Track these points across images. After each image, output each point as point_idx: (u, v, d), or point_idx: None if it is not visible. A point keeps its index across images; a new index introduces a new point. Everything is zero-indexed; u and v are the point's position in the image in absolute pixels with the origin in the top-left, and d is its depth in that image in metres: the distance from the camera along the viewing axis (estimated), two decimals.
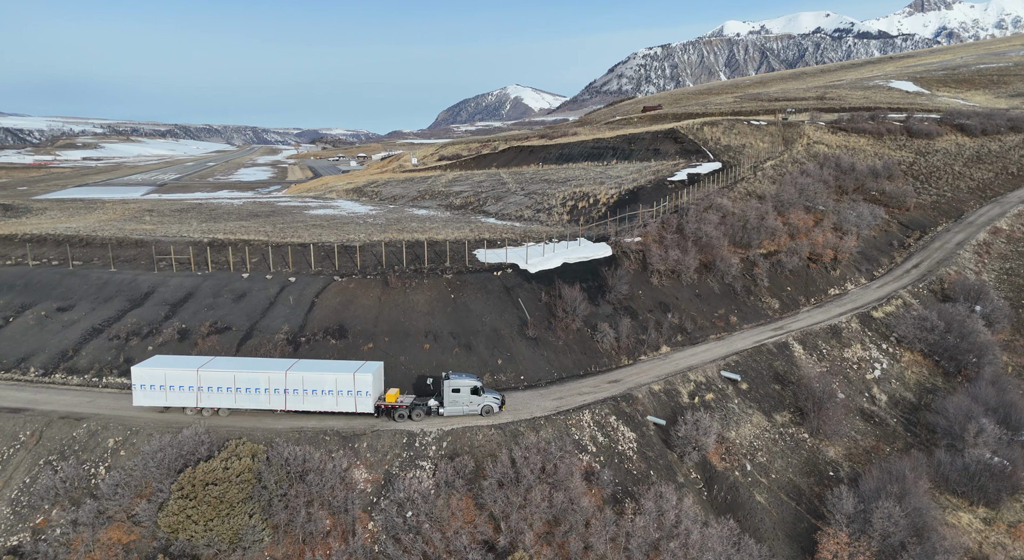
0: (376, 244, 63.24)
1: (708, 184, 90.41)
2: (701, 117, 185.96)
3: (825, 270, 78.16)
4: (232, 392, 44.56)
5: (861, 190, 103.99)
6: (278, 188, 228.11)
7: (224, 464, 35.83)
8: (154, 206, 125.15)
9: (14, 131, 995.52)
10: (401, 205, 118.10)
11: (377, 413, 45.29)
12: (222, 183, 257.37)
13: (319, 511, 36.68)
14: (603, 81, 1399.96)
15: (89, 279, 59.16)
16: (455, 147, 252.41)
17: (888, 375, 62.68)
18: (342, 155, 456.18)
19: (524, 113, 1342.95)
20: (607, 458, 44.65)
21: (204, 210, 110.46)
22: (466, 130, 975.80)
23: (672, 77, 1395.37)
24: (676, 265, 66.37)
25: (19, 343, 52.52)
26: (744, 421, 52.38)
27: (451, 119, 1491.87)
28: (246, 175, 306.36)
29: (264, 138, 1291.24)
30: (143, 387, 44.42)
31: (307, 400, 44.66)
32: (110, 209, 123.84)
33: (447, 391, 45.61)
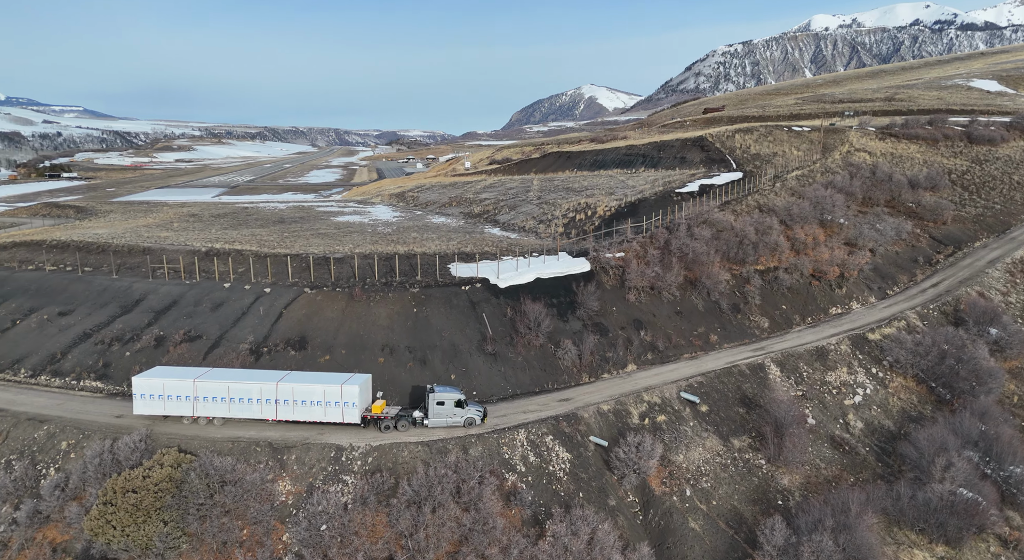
0: (358, 256, 65.47)
1: (719, 196, 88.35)
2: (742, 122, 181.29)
3: (829, 288, 75.12)
4: (226, 402, 46.63)
5: (893, 202, 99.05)
6: (339, 190, 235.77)
7: (145, 472, 38.39)
8: (202, 210, 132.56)
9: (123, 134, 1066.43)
10: (427, 212, 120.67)
11: (364, 424, 46.98)
12: (290, 185, 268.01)
13: (234, 521, 38.78)
14: (680, 79, 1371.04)
15: (92, 285, 64.04)
16: (508, 151, 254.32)
17: (870, 401, 59.87)
18: (411, 157, 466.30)
19: (598, 113, 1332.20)
20: (535, 479, 44.96)
21: (240, 215, 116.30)
22: (537, 131, 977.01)
23: (753, 75, 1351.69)
24: (655, 281, 65.53)
25: (18, 345, 57.56)
26: (696, 445, 51.43)
27: (524, 120, 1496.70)
28: (315, 177, 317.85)
29: (345, 140, 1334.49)
30: (143, 396, 46.87)
31: (297, 410, 46.58)
32: (161, 213, 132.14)
33: (432, 403, 47.03)
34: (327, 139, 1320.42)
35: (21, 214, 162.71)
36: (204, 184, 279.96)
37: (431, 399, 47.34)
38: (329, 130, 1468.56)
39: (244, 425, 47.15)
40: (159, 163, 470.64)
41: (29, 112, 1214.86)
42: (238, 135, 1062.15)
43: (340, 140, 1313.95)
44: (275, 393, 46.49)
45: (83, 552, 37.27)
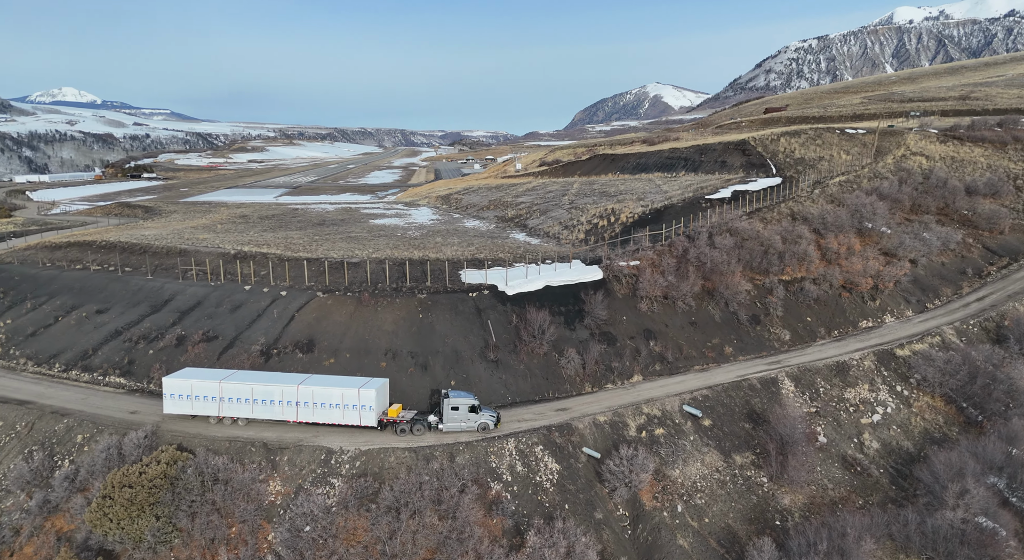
0: (373, 261, 67.09)
1: (750, 202, 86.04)
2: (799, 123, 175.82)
3: (861, 300, 72.18)
4: (250, 403, 48.42)
5: (946, 210, 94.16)
6: (395, 191, 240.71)
7: (141, 468, 40.58)
8: (253, 212, 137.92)
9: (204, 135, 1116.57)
10: (465, 215, 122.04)
11: (380, 427, 48.28)
12: (348, 186, 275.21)
13: (223, 519, 40.57)
14: (749, 77, 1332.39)
15: (128, 285, 67.86)
16: (560, 152, 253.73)
17: (890, 420, 57.28)
18: (470, 158, 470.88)
19: (663, 112, 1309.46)
20: (520, 489, 45.14)
21: (286, 217, 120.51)
22: (599, 130, 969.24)
23: (828, 71, 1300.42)
24: (669, 291, 64.54)
25: (57, 340, 61.63)
26: (694, 460, 50.48)
27: (587, 119, 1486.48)
28: (375, 178, 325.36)
29: (411, 140, 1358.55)
30: (172, 396, 48.98)
31: (316, 412, 48.09)
32: (216, 214, 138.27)
33: (446, 408, 48.04)
34: (393, 140, 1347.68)
35: (96, 213, 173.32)
36: (269, 184, 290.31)
37: (446, 404, 48.23)
38: (395, 131, 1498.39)
39: (266, 426, 48.78)
40: (233, 163, 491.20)
41: (121, 115, 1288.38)
42: (309, 136, 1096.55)
43: (406, 141, 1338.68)
44: (296, 395, 48.00)
45: (83, 542, 39.76)
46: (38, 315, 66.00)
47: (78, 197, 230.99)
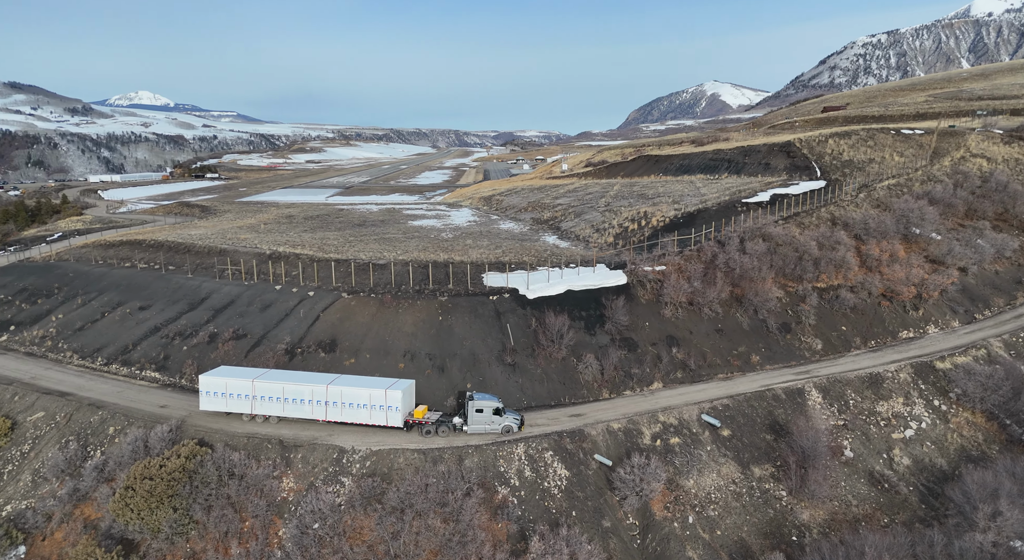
0: (398, 263, 68.19)
1: (789, 207, 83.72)
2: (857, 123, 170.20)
3: (903, 310, 69.40)
4: (281, 402, 49.66)
5: (1004, 215, 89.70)
6: (443, 192, 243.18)
7: (162, 461, 42.38)
8: (300, 212, 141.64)
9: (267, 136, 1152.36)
10: (503, 216, 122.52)
11: (407, 428, 49.12)
12: (398, 186, 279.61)
13: (236, 513, 42.02)
14: (812, 74, 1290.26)
15: (170, 283, 70.83)
16: (608, 152, 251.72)
17: (924, 436, 54.92)
18: (521, 158, 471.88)
19: (720, 110, 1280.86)
20: (528, 494, 45.19)
21: (330, 217, 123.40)
22: (653, 129, 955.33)
23: (898, 67, 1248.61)
24: (695, 297, 63.45)
25: (102, 335, 64.82)
26: (709, 470, 49.54)
27: (641, 118, 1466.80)
28: (425, 178, 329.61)
29: (464, 141, 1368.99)
30: (208, 393, 50.37)
31: (344, 412, 49.12)
32: (266, 214, 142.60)
33: (471, 411, 48.59)
34: (447, 140, 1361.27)
35: (158, 212, 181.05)
36: (323, 185, 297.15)
37: (470, 407, 48.70)
38: (449, 131, 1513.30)
39: (297, 424, 49.86)
40: (291, 164, 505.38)
41: (192, 117, 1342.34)
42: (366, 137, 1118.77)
43: (459, 141, 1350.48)
44: (325, 395, 49.00)
45: (106, 531, 41.79)
46: (87, 311, 69.59)
47: (145, 196, 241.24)
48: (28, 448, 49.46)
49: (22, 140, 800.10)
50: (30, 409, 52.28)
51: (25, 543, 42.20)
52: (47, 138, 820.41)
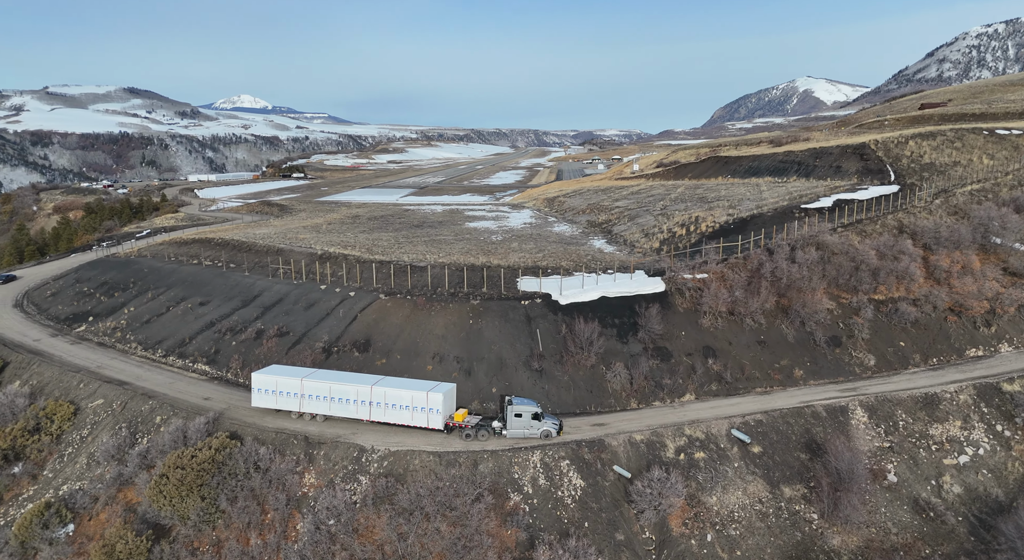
0: (434, 266, 69.26)
1: (853, 213, 79.53)
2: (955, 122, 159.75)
3: (972, 326, 64.72)
4: (327, 401, 51.20)
5: None
6: (513, 192, 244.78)
7: (193, 452, 44.81)
8: (367, 212, 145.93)
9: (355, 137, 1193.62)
10: (560, 218, 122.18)
11: (447, 431, 49.93)
12: (471, 186, 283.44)
13: (258, 505, 43.89)
14: (918, 68, 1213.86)
15: (228, 281, 74.67)
16: (681, 153, 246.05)
17: (980, 463, 51.07)
18: (597, 158, 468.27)
19: (813, 107, 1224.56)
20: (540, 502, 45.03)
21: (391, 218, 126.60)
22: (739, 128, 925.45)
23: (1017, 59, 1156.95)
24: (736, 306, 61.39)
25: (165, 328, 69.06)
26: (735, 488, 47.89)
27: (727, 116, 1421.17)
28: (498, 178, 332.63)
29: (543, 140, 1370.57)
30: (260, 391, 51.99)
31: (387, 413, 50.29)
32: (335, 213, 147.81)
33: (510, 415, 49.10)
34: (526, 140, 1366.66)
35: (242, 210, 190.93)
36: (399, 185, 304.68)
37: (509, 411, 49.09)
38: (529, 131, 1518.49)
39: (343, 423, 51.03)
40: (373, 164, 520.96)
41: (287, 119, 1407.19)
42: (448, 137, 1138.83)
43: (538, 141, 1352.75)
44: (369, 396, 50.17)
45: (143, 515, 44.63)
46: (154, 305, 74.38)
47: (235, 194, 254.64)
48: (87, 432, 53.43)
49: (138, 141, 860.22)
50: (92, 396, 56.42)
51: (73, 522, 45.60)
52: (159, 139, 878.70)
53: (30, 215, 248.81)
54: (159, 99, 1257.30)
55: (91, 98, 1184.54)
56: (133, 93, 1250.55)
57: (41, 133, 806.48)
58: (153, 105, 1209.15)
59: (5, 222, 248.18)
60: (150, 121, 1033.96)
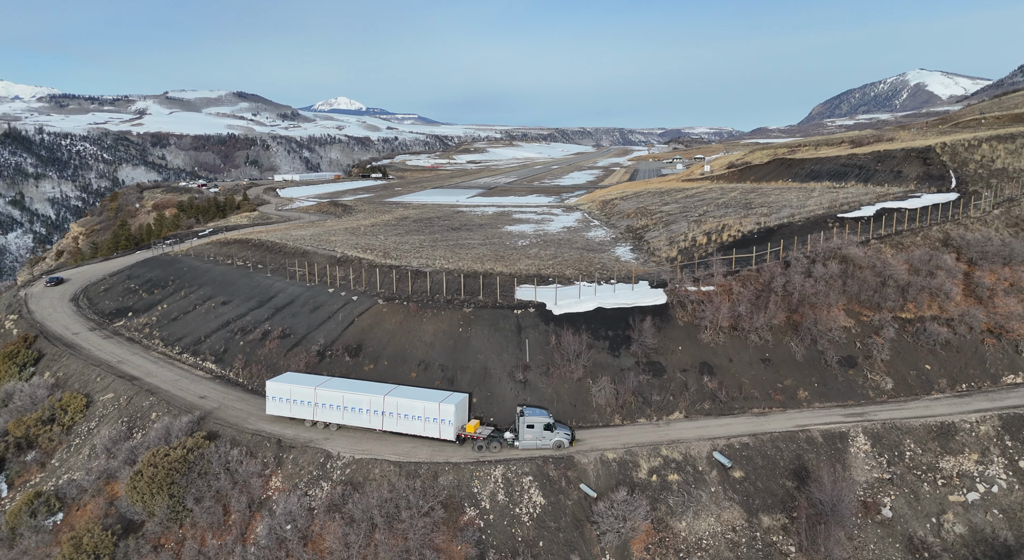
0: (443, 271, 69.36)
1: (894, 223, 73.80)
2: None
3: (1014, 350, 58.79)
4: (341, 410, 51.57)
5: None
6: (581, 193, 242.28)
7: (167, 451, 46.67)
8: (421, 214, 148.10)
9: (441, 137, 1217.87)
10: (603, 223, 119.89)
11: (459, 442, 49.82)
12: (540, 187, 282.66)
13: (221, 506, 45.22)
14: None
15: (251, 281, 77.57)
16: (758, 153, 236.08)
17: (992, 502, 46.18)
18: (678, 157, 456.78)
19: (925, 102, 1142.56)
20: (496, 518, 44.19)
21: (436, 221, 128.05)
22: (840, 125, 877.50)
23: None
24: (740, 321, 58.20)
25: (188, 325, 72.49)
26: (708, 514, 45.42)
27: (827, 112, 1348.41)
28: (570, 179, 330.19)
29: (628, 139, 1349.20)
30: (274, 399, 52.48)
31: (400, 423, 50.55)
32: (389, 214, 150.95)
33: (522, 427, 48.85)
34: (611, 139, 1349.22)
35: (310, 210, 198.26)
36: (471, 185, 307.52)
37: (521, 422, 48.74)
38: (614, 130, 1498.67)
39: (356, 433, 51.46)
40: (453, 164, 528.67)
41: (378, 120, 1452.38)
42: (531, 137, 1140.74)
43: (623, 140, 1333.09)
44: (381, 405, 50.46)
45: (120, 509, 46.89)
46: (184, 303, 78.37)
47: (312, 194, 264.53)
48: (94, 425, 56.88)
49: (243, 142, 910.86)
50: (104, 390, 59.99)
51: (63, 511, 48.61)
52: (261, 140, 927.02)
53: (132, 212, 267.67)
54: (264, 102, 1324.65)
55: (204, 102, 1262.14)
56: (241, 97, 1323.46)
57: (160, 135, 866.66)
58: (258, 108, 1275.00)
59: (111, 218, 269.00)
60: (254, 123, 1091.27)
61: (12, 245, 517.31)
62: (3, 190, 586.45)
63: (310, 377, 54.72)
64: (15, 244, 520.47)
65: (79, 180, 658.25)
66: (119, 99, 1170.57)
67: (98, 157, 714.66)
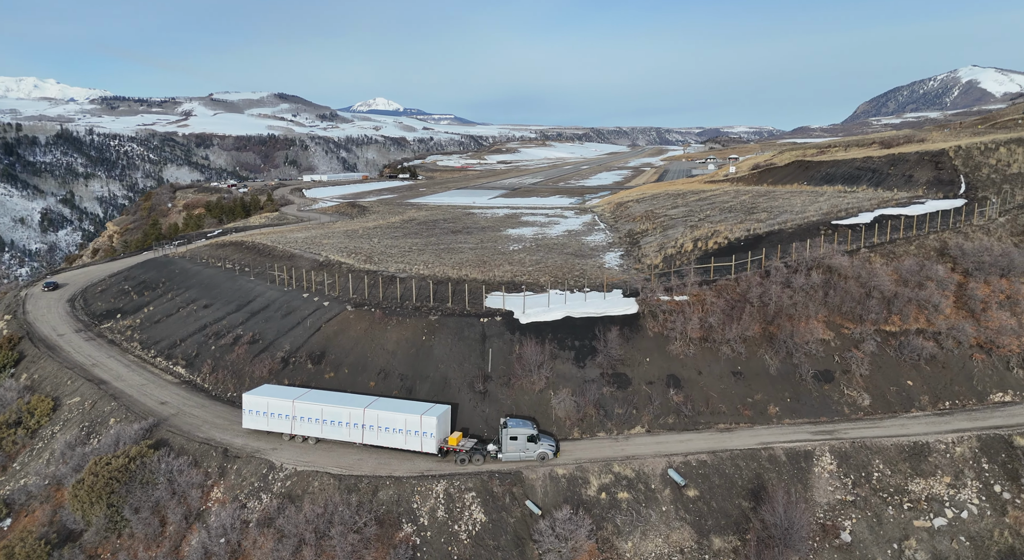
0: (417, 277, 68.42)
1: (887, 231, 70.43)
2: None
3: (1005, 366, 55.44)
4: (319, 423, 50.02)
5: None
6: (605, 194, 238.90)
7: (108, 459, 46.29)
8: (428, 215, 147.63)
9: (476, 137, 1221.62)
10: (609, 226, 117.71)
11: (441, 455, 48.58)
12: (564, 188, 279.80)
13: (156, 517, 44.75)
14: None
15: (235, 285, 77.79)
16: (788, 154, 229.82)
17: (960, 529, 43.33)
18: (711, 157, 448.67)
19: (978, 100, 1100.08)
20: (434, 536, 42.97)
21: (443, 223, 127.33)
22: (886, 124, 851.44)
23: None
24: (711, 333, 55.98)
25: (168, 328, 72.90)
26: (656, 534, 43.56)
27: (873, 111, 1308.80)
28: (598, 179, 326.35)
29: (665, 138, 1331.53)
30: (251, 412, 51.24)
31: (380, 436, 49.43)
32: (400, 215, 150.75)
33: (505, 438, 47.70)
34: (648, 138, 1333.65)
35: (328, 211, 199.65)
36: (496, 186, 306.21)
37: (504, 434, 47.66)
38: (651, 129, 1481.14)
39: (336, 447, 50.09)
40: (483, 164, 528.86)
41: (415, 120, 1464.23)
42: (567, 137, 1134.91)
43: (660, 139, 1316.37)
44: (362, 418, 49.32)
45: (62, 517, 46.81)
46: (169, 305, 79.08)
47: (336, 195, 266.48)
48: (58, 429, 57.35)
49: (282, 142, 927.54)
50: (73, 393, 60.53)
51: (11, 517, 48.96)
52: (300, 141, 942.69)
53: (164, 211, 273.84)
54: (303, 103, 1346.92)
55: (247, 103, 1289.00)
56: (282, 98, 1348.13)
57: (204, 136, 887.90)
58: (298, 109, 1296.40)
59: (144, 217, 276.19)
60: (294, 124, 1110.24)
61: (62, 242, 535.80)
62: (55, 189, 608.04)
63: (289, 389, 53.59)
64: (65, 241, 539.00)
65: (126, 179, 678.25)
66: (167, 101, 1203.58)
67: (145, 157, 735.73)
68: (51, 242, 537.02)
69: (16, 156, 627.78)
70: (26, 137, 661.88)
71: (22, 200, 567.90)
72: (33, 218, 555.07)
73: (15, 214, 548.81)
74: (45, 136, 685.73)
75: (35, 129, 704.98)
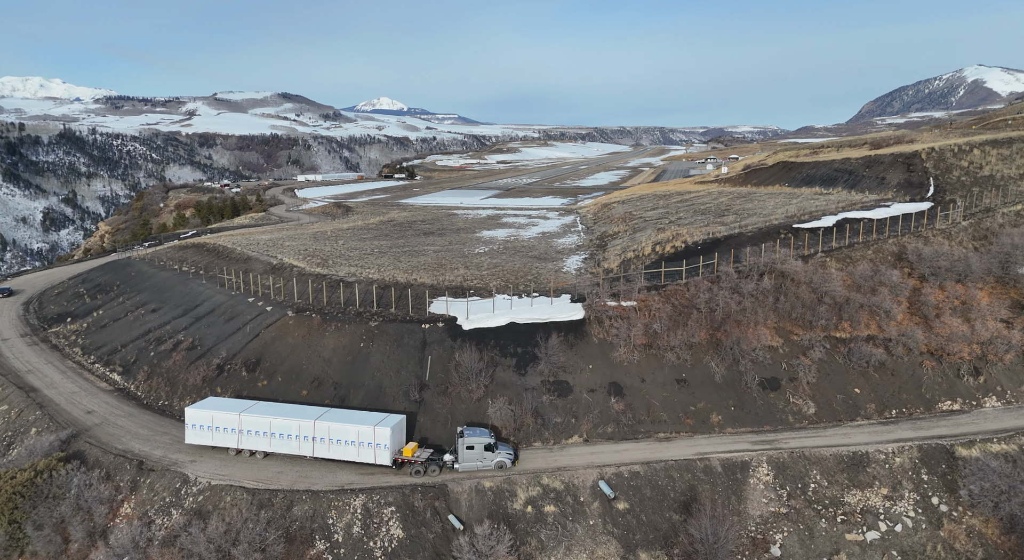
0: (364, 282, 66.90)
1: (847, 235, 68.55)
2: None
3: (955, 373, 53.54)
4: (268, 437, 47.97)
5: None
6: (599, 194, 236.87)
7: (13, 472, 44.32)
8: (408, 217, 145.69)
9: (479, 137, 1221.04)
10: (586, 228, 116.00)
11: (396, 466, 46.96)
12: (559, 188, 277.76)
13: (59, 535, 42.84)
14: None
15: (185, 288, 76.26)
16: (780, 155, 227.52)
17: (892, 542, 41.50)
18: (711, 157, 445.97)
19: (983, 100, 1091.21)
20: (347, 553, 41.14)
21: (419, 224, 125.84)
22: (890, 123, 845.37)
23: None
24: (656, 339, 54.23)
25: (111, 334, 71.34)
26: (581, 549, 41.84)
27: (878, 110, 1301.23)
28: (594, 179, 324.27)
29: (669, 138, 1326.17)
30: (194, 427, 49.00)
31: (332, 449, 47.59)
32: (380, 216, 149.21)
33: (461, 448, 46.22)
34: (651, 138, 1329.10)
35: (315, 211, 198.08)
36: (490, 186, 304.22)
37: (460, 443, 46.20)
38: (655, 129, 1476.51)
39: (285, 460, 48.37)
40: (482, 164, 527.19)
41: (418, 120, 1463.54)
42: (569, 136, 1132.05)
43: (664, 139, 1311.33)
44: (312, 431, 47.53)
45: None
46: (118, 309, 77.60)
47: (327, 195, 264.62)
48: None
49: (285, 142, 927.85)
50: (1, 401, 59.20)
51: None
52: (303, 140, 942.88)
53: (156, 211, 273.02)
54: (307, 103, 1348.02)
55: (250, 103, 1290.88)
56: (285, 98, 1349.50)
57: (207, 135, 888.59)
58: (301, 108, 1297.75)
59: (135, 217, 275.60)
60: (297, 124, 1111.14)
61: (64, 241, 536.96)
62: (57, 189, 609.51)
63: (235, 402, 51.56)
64: (66, 240, 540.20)
65: (128, 179, 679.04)
66: (171, 101, 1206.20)
67: (147, 157, 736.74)
68: (53, 241, 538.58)
69: (19, 156, 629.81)
70: (29, 137, 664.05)
71: (24, 199, 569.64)
72: (35, 217, 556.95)
73: (17, 213, 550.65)
74: (48, 136, 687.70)
75: (38, 129, 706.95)
